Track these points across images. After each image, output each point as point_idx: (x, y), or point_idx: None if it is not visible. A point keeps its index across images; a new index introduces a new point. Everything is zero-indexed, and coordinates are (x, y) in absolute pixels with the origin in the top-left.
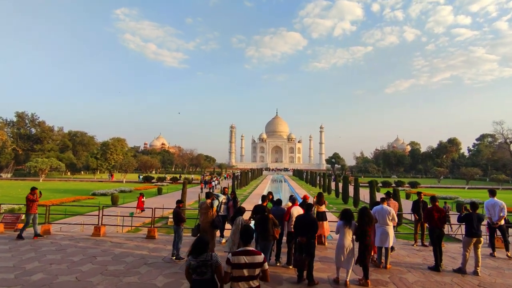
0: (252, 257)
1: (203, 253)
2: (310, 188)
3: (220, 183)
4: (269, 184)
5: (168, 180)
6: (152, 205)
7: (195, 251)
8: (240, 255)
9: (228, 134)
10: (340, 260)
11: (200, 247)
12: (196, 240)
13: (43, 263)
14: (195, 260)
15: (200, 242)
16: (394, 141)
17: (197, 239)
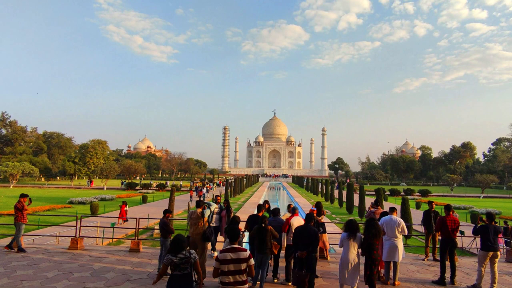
0: (237, 253)
1: (182, 251)
2: (311, 197)
3: (212, 190)
4: (266, 192)
5: (154, 187)
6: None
7: (174, 249)
8: (227, 252)
9: (221, 136)
10: (344, 276)
11: (179, 245)
12: (174, 238)
13: (13, 279)
14: (175, 257)
15: (179, 240)
16: (403, 145)
17: (175, 238)
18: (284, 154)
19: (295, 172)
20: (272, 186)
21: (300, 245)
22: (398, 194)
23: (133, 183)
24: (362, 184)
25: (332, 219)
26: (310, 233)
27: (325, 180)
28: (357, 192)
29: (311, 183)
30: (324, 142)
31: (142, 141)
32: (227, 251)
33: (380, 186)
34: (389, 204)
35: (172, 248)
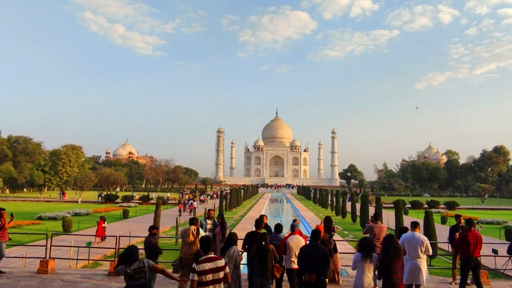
0: (214, 262)
1: (135, 261)
2: (320, 210)
3: (206, 203)
4: (266, 205)
5: (136, 200)
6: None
7: (128, 260)
8: (204, 262)
9: (215, 141)
10: None
11: (131, 256)
12: (127, 249)
13: None
14: (129, 268)
15: (131, 251)
16: (425, 150)
17: (128, 248)
18: (288, 160)
19: (301, 181)
20: (274, 198)
21: (307, 268)
22: (420, 207)
23: (112, 195)
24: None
25: (344, 237)
26: (318, 253)
27: (336, 190)
28: (373, 205)
29: (320, 195)
30: (334, 146)
31: (123, 146)
32: (204, 262)
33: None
34: (410, 218)
35: (125, 259)
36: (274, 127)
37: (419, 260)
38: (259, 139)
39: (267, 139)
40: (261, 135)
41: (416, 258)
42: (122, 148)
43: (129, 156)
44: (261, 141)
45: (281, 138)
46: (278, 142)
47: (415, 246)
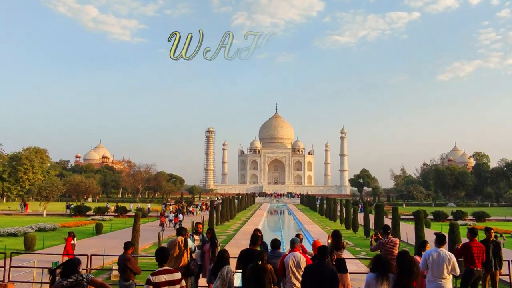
0: (171, 275)
1: (74, 274)
2: (327, 223)
3: (196, 214)
4: (265, 218)
5: (112, 212)
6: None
7: (66, 273)
8: (160, 274)
9: (204, 142)
10: None
11: (70, 268)
12: (66, 261)
13: None
14: (65, 281)
15: (71, 263)
16: (450, 152)
17: (67, 261)
18: (290, 165)
19: (305, 189)
20: (273, 209)
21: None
22: (444, 219)
23: (83, 207)
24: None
25: (355, 254)
26: (325, 273)
27: (346, 200)
28: (389, 217)
29: (327, 205)
30: (343, 148)
31: (95, 149)
32: (160, 273)
33: (420, 207)
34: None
35: (63, 272)
36: (273, 126)
37: (444, 280)
38: (255, 140)
39: (265, 140)
40: (258, 136)
41: (440, 278)
42: (94, 151)
43: (102, 161)
44: (258, 143)
45: (282, 139)
46: (278, 144)
47: (441, 264)
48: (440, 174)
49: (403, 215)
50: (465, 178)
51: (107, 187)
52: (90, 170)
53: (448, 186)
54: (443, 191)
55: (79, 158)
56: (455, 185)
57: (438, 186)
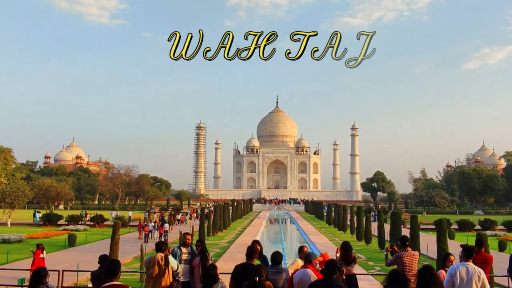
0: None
1: (39, 285)
2: (336, 234)
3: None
4: (264, 227)
5: (87, 221)
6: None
7: (33, 284)
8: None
9: (193, 140)
10: None
11: (36, 279)
12: (33, 272)
13: None
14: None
15: (36, 274)
16: (477, 152)
17: (33, 272)
18: (293, 166)
19: (310, 195)
20: (273, 218)
21: None
22: (471, 229)
23: (54, 215)
24: (415, 214)
25: (368, 269)
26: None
27: (357, 207)
28: (407, 226)
29: (335, 212)
30: (354, 147)
31: (68, 148)
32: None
33: (443, 216)
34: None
35: (31, 283)
36: (274, 121)
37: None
38: (253, 138)
39: (264, 138)
40: (256, 133)
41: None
42: (67, 150)
43: (76, 162)
44: (256, 141)
45: (283, 137)
46: (279, 142)
47: (469, 281)
48: (465, 178)
49: (423, 225)
50: (494, 182)
51: (82, 192)
52: (61, 173)
53: (475, 191)
54: (469, 197)
55: (49, 158)
56: (483, 190)
57: (464, 191)
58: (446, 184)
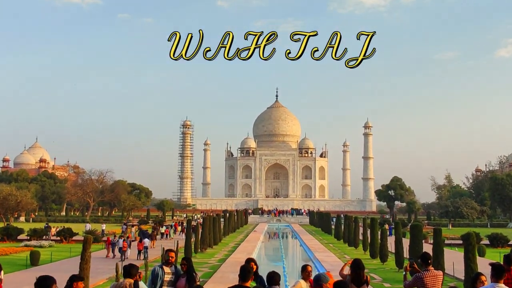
0: None
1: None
2: (346, 250)
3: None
4: (261, 243)
5: (52, 236)
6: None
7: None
8: None
9: (178, 140)
10: None
11: None
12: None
13: None
14: None
15: None
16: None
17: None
18: (295, 171)
19: (316, 204)
20: (273, 232)
21: None
22: (504, 244)
23: (13, 229)
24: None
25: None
26: None
27: (371, 219)
28: (430, 241)
29: (346, 225)
30: (368, 149)
31: (30, 150)
32: None
33: (472, 229)
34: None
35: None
36: (273, 118)
37: None
38: (248, 138)
39: (261, 138)
40: (252, 132)
41: None
42: (29, 153)
43: (40, 166)
44: (252, 141)
45: (284, 136)
46: (280, 143)
47: None
48: (498, 184)
49: (449, 239)
50: None
51: (46, 202)
52: (23, 179)
53: (509, 200)
54: (503, 207)
55: (7, 162)
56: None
57: (496, 200)
58: (475, 192)
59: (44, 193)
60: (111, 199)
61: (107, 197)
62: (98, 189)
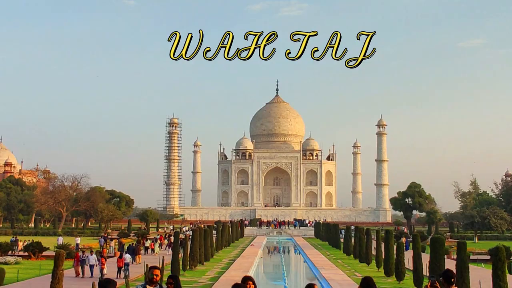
0: None
1: None
2: (357, 267)
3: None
4: (259, 259)
5: (20, 251)
6: None
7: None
8: None
9: (164, 141)
10: None
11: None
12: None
13: None
14: None
15: None
16: None
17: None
18: (298, 176)
19: (322, 214)
20: (273, 246)
21: None
22: None
23: None
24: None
25: None
26: None
27: (386, 231)
28: (453, 257)
29: (357, 238)
30: (382, 151)
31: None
32: None
33: (501, 242)
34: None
35: None
36: (273, 115)
37: None
38: (244, 138)
39: (259, 138)
40: (249, 131)
41: None
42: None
43: (5, 171)
44: (249, 142)
45: (286, 136)
46: (280, 144)
47: None
48: None
49: (475, 254)
50: None
51: (13, 212)
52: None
53: None
54: None
55: None
56: None
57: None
58: (505, 199)
59: (9, 202)
60: (86, 208)
61: (82, 206)
62: (71, 197)
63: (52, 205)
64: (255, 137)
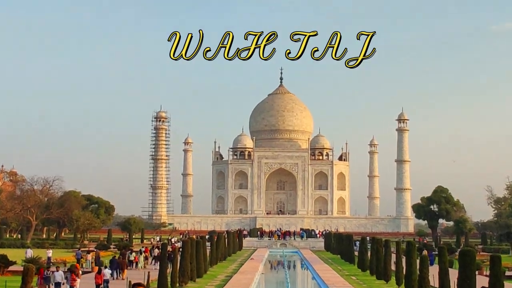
0: None
1: None
2: (374, 285)
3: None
4: (260, 274)
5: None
6: None
7: None
8: None
9: (150, 138)
10: None
11: None
12: None
13: None
14: None
15: None
16: None
17: None
18: (306, 179)
19: (334, 224)
20: (276, 260)
21: None
22: None
23: None
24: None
25: None
26: None
27: (407, 242)
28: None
29: (373, 251)
30: (403, 150)
31: None
32: None
33: None
34: None
35: None
36: (276, 108)
37: None
38: (243, 135)
39: (261, 135)
40: (249, 127)
41: None
42: None
43: None
44: (249, 139)
45: (291, 132)
46: (285, 141)
47: None
48: None
49: (510, 270)
50: None
51: None
52: None
53: None
54: None
55: None
56: None
57: None
58: None
59: None
60: (59, 216)
61: (54, 213)
62: (42, 203)
63: (19, 212)
64: (255, 134)
